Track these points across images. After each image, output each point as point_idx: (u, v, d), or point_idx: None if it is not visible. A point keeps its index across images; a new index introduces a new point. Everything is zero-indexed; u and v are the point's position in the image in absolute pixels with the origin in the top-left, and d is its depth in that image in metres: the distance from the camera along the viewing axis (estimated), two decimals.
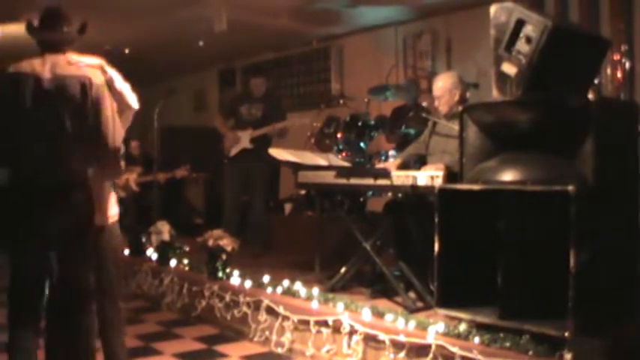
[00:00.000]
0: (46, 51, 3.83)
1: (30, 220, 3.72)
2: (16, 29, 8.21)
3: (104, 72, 3.95)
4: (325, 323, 4.99)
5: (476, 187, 4.29)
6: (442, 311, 4.46)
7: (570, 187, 3.72)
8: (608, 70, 6.81)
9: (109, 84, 3.94)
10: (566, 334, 3.73)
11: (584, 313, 3.73)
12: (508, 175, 4.24)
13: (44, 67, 3.77)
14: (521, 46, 4.17)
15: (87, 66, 3.85)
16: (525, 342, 3.92)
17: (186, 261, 6.99)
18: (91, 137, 3.78)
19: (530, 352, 3.85)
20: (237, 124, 8.01)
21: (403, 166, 5.60)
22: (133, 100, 4.20)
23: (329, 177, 5.49)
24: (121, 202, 8.70)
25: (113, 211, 4.28)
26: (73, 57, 3.86)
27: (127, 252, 7.88)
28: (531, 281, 4.10)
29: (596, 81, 6.43)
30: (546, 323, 3.88)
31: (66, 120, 3.72)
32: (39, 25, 3.93)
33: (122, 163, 3.91)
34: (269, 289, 5.69)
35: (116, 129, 3.85)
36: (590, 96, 4.31)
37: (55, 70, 3.76)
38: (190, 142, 10.34)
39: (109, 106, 3.83)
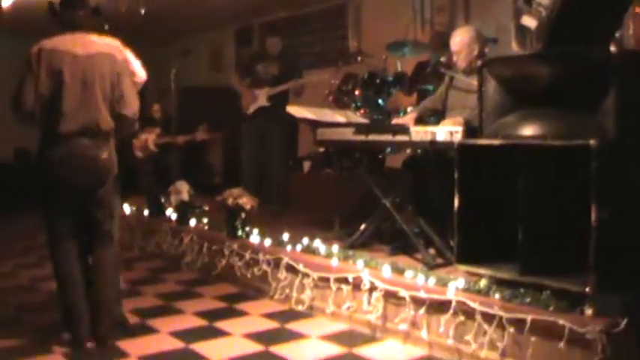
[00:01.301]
0: (70, 30, 4.55)
1: (67, 173, 4.43)
2: None
3: (121, 51, 4.68)
4: (345, 280, 5.00)
5: (495, 142, 4.25)
6: (462, 267, 4.45)
7: (591, 142, 3.67)
8: (631, 24, 6.69)
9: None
10: (587, 289, 3.70)
11: (605, 268, 3.70)
12: (528, 130, 4.20)
13: (75, 45, 4.48)
14: None
15: (109, 45, 4.62)
16: (546, 298, 3.90)
17: (205, 220, 7.00)
18: (115, 104, 4.56)
19: (551, 308, 3.83)
20: (254, 83, 7.97)
21: (419, 120, 5.56)
22: (142, 75, 4.93)
23: (347, 134, 5.45)
24: (139, 163, 8.78)
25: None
26: (95, 37, 4.60)
27: (146, 212, 7.92)
28: (552, 237, 4.07)
29: (617, 34, 6.32)
30: (567, 279, 3.86)
31: (97, 91, 4.46)
32: (61, 6, 4.62)
33: (136, 125, 4.83)
34: (289, 247, 5.69)
35: (133, 98, 4.66)
36: (613, 49, 4.23)
37: (86, 48, 4.49)
38: (208, 102, 10.31)
39: (129, 79, 4.68)
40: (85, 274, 4.68)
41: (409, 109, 6.81)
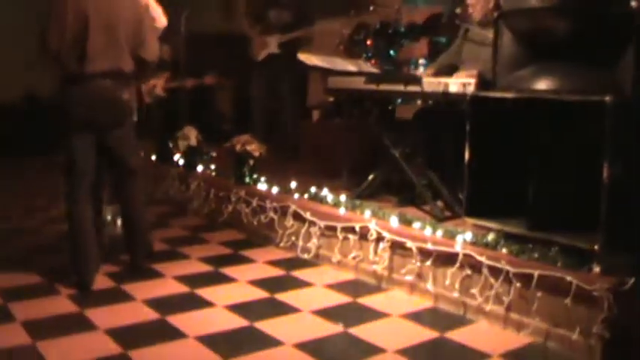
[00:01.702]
0: None
1: (90, 112, 4.58)
2: None
3: None
4: (352, 230, 4.99)
5: (509, 95, 4.20)
6: (471, 220, 4.43)
7: (607, 98, 3.61)
8: None
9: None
10: (596, 247, 3.69)
11: (614, 227, 3.68)
12: (543, 84, 4.14)
13: None
14: None
15: None
16: (554, 254, 3.88)
17: (213, 166, 6.99)
18: (136, 48, 4.72)
19: (559, 264, 3.82)
20: (265, 30, 7.89)
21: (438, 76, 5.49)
22: (163, 21, 5.33)
23: (358, 83, 5.39)
24: (147, 107, 8.71)
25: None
26: None
27: (153, 157, 7.91)
28: (562, 193, 4.05)
29: None
30: (576, 236, 3.84)
31: (120, 34, 4.61)
32: None
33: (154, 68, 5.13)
34: (296, 195, 5.68)
35: (154, 43, 4.88)
36: (634, 3, 4.15)
37: None
38: (218, 47, 10.21)
39: (149, 24, 4.90)
40: (95, 218, 4.92)
41: (421, 60, 6.74)
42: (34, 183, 8.38)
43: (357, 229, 4.95)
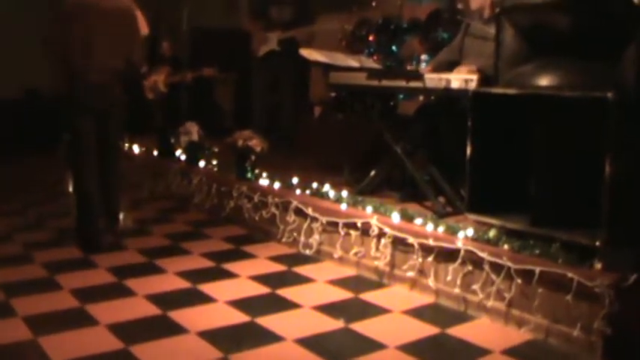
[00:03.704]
0: None
1: (91, 100, 5.39)
2: None
3: (135, 7, 5.65)
4: (354, 226, 4.99)
5: (511, 91, 4.20)
6: (472, 216, 4.42)
7: (609, 94, 3.61)
8: None
9: None
10: (597, 243, 3.68)
11: (616, 223, 3.67)
12: (544, 80, 4.14)
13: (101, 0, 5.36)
14: None
15: (126, 1, 5.58)
16: (555, 250, 3.88)
17: (215, 162, 6.99)
18: (126, 50, 5.55)
19: (560, 261, 3.81)
20: (267, 26, 7.89)
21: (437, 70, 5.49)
22: (146, 30, 6.11)
23: (360, 79, 5.39)
24: (149, 103, 8.72)
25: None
26: None
27: (155, 153, 7.92)
28: (564, 189, 4.04)
29: None
30: (577, 232, 3.84)
31: (119, 38, 5.41)
32: None
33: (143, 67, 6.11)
34: (298, 191, 5.68)
35: (141, 47, 5.73)
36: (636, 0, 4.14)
37: (107, 2, 5.38)
38: (220, 43, 10.20)
39: (140, 32, 5.72)
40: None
41: (423, 57, 6.73)
42: (33, 179, 8.38)
43: (359, 224, 4.95)
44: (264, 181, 6.05)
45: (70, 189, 5.81)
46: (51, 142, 6.41)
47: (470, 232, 4.31)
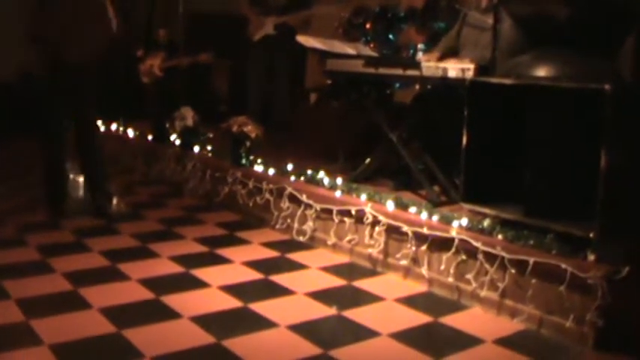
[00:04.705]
0: None
1: (61, 79, 5.73)
2: None
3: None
4: (348, 213, 4.99)
5: (508, 81, 4.19)
6: (467, 206, 4.43)
7: (606, 86, 3.60)
8: None
9: None
10: (592, 235, 3.69)
11: (611, 215, 3.68)
12: (542, 71, 4.14)
13: None
14: None
15: None
16: (549, 241, 3.88)
17: (209, 147, 6.97)
18: (98, 29, 5.82)
19: (554, 251, 3.82)
20: (264, 11, 7.85)
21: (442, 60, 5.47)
22: (114, 26, 6.01)
23: (357, 66, 5.37)
24: (144, 88, 8.70)
25: None
26: None
27: (150, 138, 7.89)
28: (559, 180, 4.04)
29: None
30: (572, 223, 3.84)
31: (90, 26, 5.71)
32: None
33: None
34: (292, 177, 5.67)
35: (111, 25, 5.88)
36: None
37: None
38: (216, 28, 10.16)
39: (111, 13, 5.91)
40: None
41: (420, 45, 6.71)
42: (26, 162, 8.34)
43: (353, 212, 4.95)
44: (258, 167, 6.04)
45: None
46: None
47: (464, 221, 4.31)
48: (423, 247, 4.48)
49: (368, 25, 7.35)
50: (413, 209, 4.66)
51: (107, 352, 3.52)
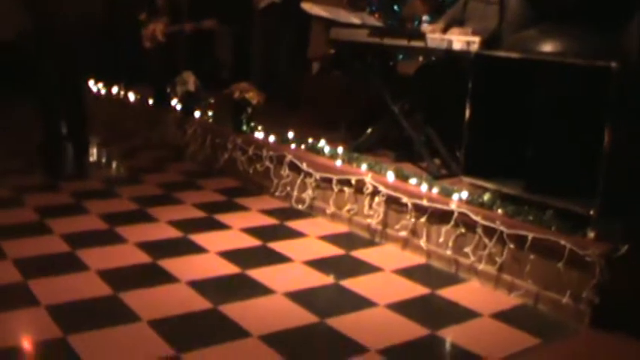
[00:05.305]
0: None
1: (50, 42, 5.90)
2: None
3: None
4: (348, 182, 4.98)
5: (514, 55, 4.16)
6: (467, 179, 4.41)
7: (613, 64, 3.57)
8: None
9: None
10: (592, 212, 3.68)
11: (612, 193, 3.66)
12: (548, 46, 4.10)
13: None
14: None
15: None
16: (549, 217, 3.87)
17: (210, 113, 6.94)
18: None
19: (553, 228, 3.81)
20: None
21: (446, 30, 5.43)
22: None
23: (362, 36, 5.33)
24: (146, 52, 8.64)
25: None
26: None
27: (150, 102, 7.86)
28: (561, 157, 4.02)
29: None
30: (572, 200, 3.83)
31: None
32: None
33: None
34: (293, 145, 5.66)
35: None
36: None
37: None
38: None
39: None
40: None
41: (424, 17, 6.66)
42: (25, 123, 8.31)
43: (353, 182, 4.94)
44: (259, 134, 6.01)
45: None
46: None
47: (464, 194, 4.30)
48: (423, 219, 4.47)
49: None
50: (413, 181, 4.65)
51: (103, 314, 3.52)
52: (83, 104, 6.34)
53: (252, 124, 6.17)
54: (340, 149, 5.34)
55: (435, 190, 4.47)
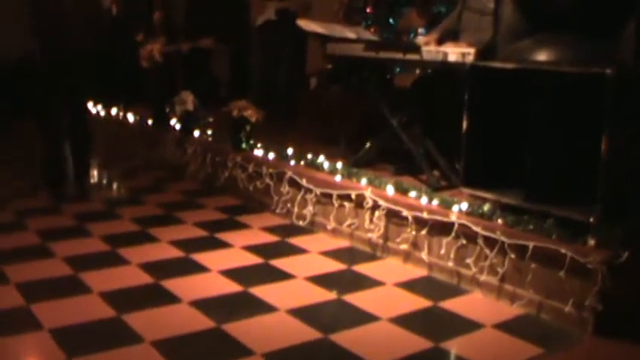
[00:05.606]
0: None
1: (56, 65, 5.95)
2: None
3: None
4: (348, 197, 4.98)
5: (509, 65, 4.17)
6: (467, 190, 4.41)
7: (608, 71, 3.58)
8: None
9: None
10: (592, 220, 3.68)
11: (611, 200, 3.67)
12: (543, 55, 4.11)
13: None
14: None
15: None
16: (549, 226, 3.87)
17: (209, 131, 6.95)
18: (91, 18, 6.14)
19: (554, 236, 3.81)
20: None
21: (440, 42, 5.45)
22: None
23: (358, 50, 5.34)
24: (144, 72, 8.66)
25: None
26: None
27: (150, 122, 7.88)
28: (560, 165, 4.02)
29: None
30: (572, 208, 3.83)
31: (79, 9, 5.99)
32: None
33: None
34: (292, 162, 5.66)
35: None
36: None
37: None
38: (217, 12, 10.12)
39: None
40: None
41: (420, 30, 6.69)
42: (29, 145, 8.33)
43: (353, 196, 4.94)
44: (258, 152, 6.03)
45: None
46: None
47: (464, 206, 4.31)
48: (423, 232, 4.48)
49: (368, 9, 7.34)
50: (413, 194, 4.65)
51: (107, 336, 3.52)
52: (87, 125, 6.36)
53: (252, 141, 6.19)
54: (340, 164, 5.35)
55: (435, 202, 4.47)
